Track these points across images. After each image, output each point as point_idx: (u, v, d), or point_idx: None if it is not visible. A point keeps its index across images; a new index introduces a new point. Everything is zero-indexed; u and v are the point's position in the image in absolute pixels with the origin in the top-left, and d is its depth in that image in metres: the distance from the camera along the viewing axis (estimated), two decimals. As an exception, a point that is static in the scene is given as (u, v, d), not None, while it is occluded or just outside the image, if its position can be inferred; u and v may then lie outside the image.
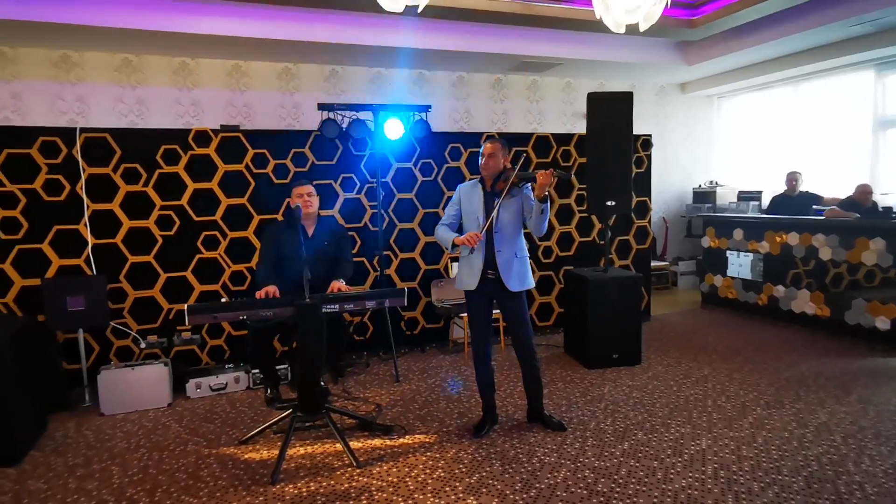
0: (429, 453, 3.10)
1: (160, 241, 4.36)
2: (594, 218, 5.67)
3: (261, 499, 2.67)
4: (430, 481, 2.79)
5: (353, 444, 3.20)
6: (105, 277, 4.12)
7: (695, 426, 3.36)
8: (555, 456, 3.03)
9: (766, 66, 6.79)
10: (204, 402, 4.00)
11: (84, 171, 4.15)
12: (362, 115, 4.67)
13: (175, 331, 4.40)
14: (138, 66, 5.68)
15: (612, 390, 3.99)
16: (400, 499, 2.64)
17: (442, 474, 2.86)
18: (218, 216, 4.49)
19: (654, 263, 7.41)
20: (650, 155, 5.89)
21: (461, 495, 2.65)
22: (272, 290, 3.06)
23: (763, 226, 5.89)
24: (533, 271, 5.43)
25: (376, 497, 2.66)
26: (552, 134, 5.53)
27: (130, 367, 3.89)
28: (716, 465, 2.88)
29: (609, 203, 4.42)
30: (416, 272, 5.13)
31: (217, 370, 4.28)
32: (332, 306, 2.97)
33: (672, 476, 2.79)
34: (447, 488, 2.72)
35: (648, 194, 5.93)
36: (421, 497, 2.65)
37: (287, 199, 4.18)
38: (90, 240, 4.19)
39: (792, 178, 6.29)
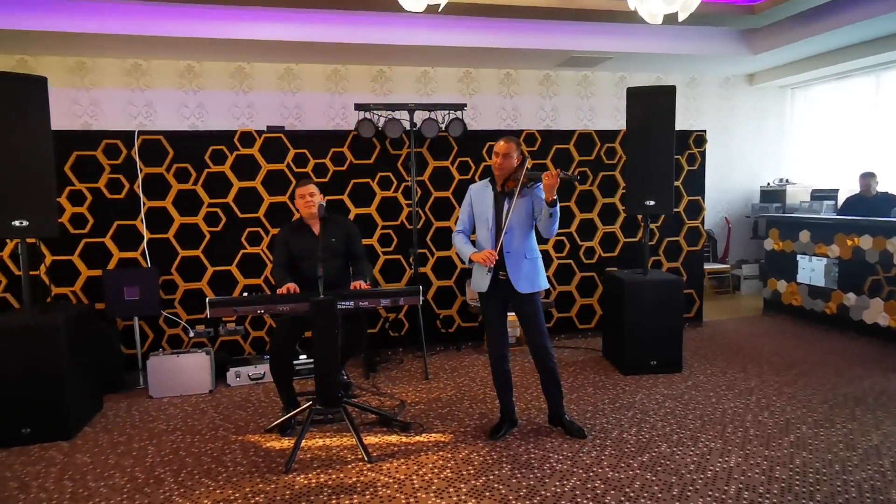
0: (441, 452, 3.10)
1: (208, 236, 4.63)
2: (640, 217, 5.43)
3: (272, 486, 2.78)
4: (436, 481, 2.80)
5: (370, 440, 3.27)
6: (157, 270, 4.43)
7: (727, 442, 3.15)
8: (568, 463, 2.95)
9: (844, 53, 6.22)
10: (241, 391, 4.21)
11: (141, 171, 4.47)
12: (399, 114, 4.72)
13: (220, 322, 4.65)
14: (199, 72, 6.04)
15: (644, 398, 3.82)
16: (402, 496, 2.66)
17: (449, 474, 2.86)
18: (261, 213, 4.71)
19: (712, 266, 7.02)
20: (704, 152, 5.57)
21: (463, 497, 2.64)
22: (292, 286, 3.17)
23: (833, 228, 5.42)
24: (573, 272, 5.37)
25: (380, 493, 2.70)
26: (595, 131, 5.35)
27: (176, 354, 4.16)
28: (741, 486, 2.69)
29: (648, 203, 4.22)
30: (452, 270, 5.13)
31: (256, 360, 4.49)
32: (347, 303, 3.04)
33: (689, 494, 2.63)
34: (451, 489, 2.72)
35: (702, 193, 5.61)
36: (423, 496, 2.66)
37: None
38: (146, 234, 4.52)
39: (866, 180, 5.74)
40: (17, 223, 3.33)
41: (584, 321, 5.43)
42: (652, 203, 4.22)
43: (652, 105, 4.18)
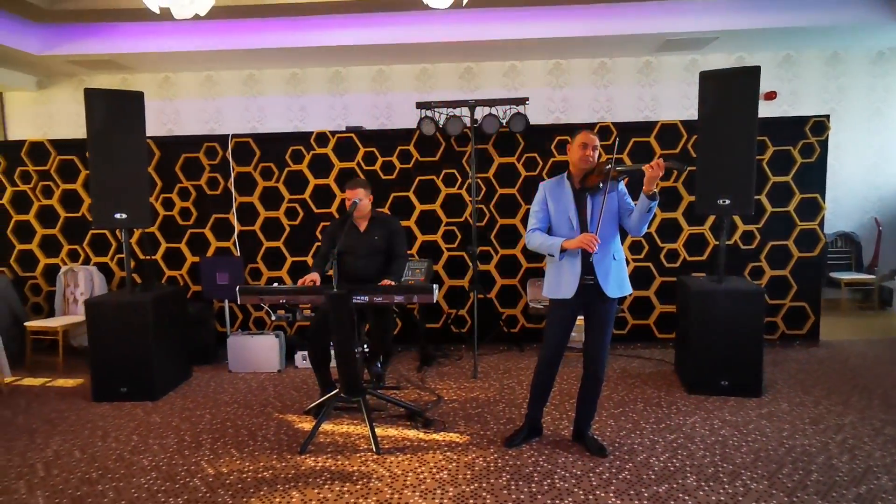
0: (448, 453, 3.08)
1: (287, 229, 5.06)
2: (737, 219, 4.80)
3: (283, 464, 3.00)
4: (428, 481, 2.79)
5: (389, 432, 3.36)
6: (244, 259, 4.96)
7: (774, 484, 2.70)
8: (572, 482, 2.75)
9: None
10: (303, 373, 4.55)
11: (233, 169, 5.03)
12: (461, 110, 4.71)
13: (297, 308, 5.06)
14: (303, 78, 6.57)
15: (698, 422, 3.40)
16: (389, 491, 2.71)
17: (445, 476, 2.83)
18: (333, 208, 5.02)
19: (853, 276, 5.95)
20: (825, 141, 4.72)
21: (446, 501, 2.61)
22: (315, 278, 3.37)
23: None
24: (652, 276, 4.90)
25: (371, 485, 2.77)
26: (681, 121, 4.82)
27: (250, 335, 4.63)
28: (764, 537, 2.30)
29: (722, 201, 3.72)
30: (517, 269, 5.01)
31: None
32: (362, 297, 3.14)
33: (693, 536, 2.31)
34: (439, 490, 2.70)
35: (821, 190, 4.77)
36: (408, 494, 2.68)
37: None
38: (236, 227, 5.08)
39: None
40: (118, 216, 3.97)
41: (663, 330, 4.96)
42: (727, 202, 3.71)
43: (730, 90, 3.67)
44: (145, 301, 3.95)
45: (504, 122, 4.60)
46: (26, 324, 4.84)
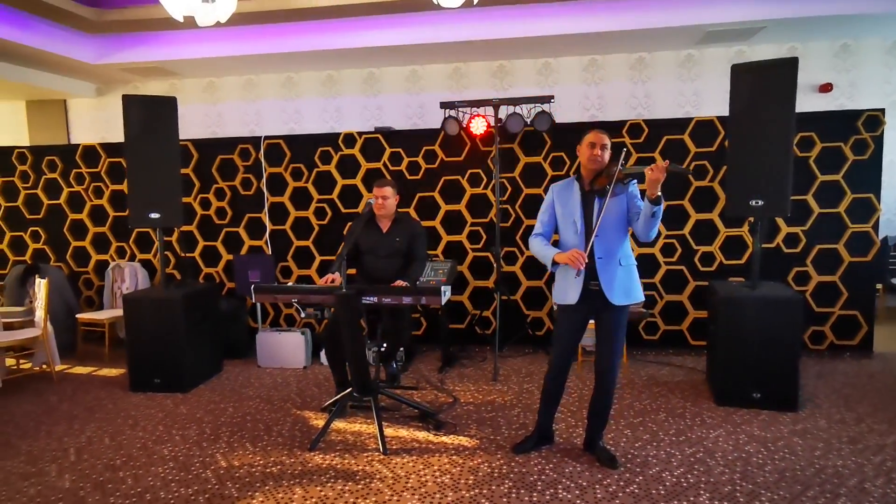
0: (455, 457, 3.06)
1: (317, 228, 5.17)
2: (780, 220, 4.51)
3: (291, 460, 3.06)
4: (430, 484, 2.78)
5: (400, 432, 3.36)
6: (275, 257, 5.11)
7: (795, 506, 2.52)
8: (575, 493, 2.66)
9: None
10: (327, 370, 4.54)
11: (265, 170, 5.18)
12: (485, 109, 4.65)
13: (326, 306, 5.17)
14: (338, 80, 6.69)
15: (722, 436, 3.22)
16: (389, 492, 2.71)
17: (447, 481, 2.81)
18: (360, 208, 5.08)
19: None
20: (880, 137, 4.36)
21: (443, 505, 2.59)
22: (335, 277, 3.41)
23: None
24: (685, 280, 4.68)
25: (372, 485, 2.78)
26: (718, 117, 4.57)
27: (278, 332, 4.76)
28: (775, 563, 2.15)
29: (754, 202, 3.50)
30: (543, 270, 4.90)
31: (347, 344, 4.89)
32: (371, 298, 3.16)
33: (696, 557, 2.19)
34: (438, 495, 2.68)
35: (876, 190, 4.42)
36: (408, 496, 2.67)
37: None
38: (268, 226, 5.23)
39: None
40: (152, 215, 4.17)
41: (697, 337, 4.73)
42: (759, 203, 3.49)
43: (766, 83, 3.44)
44: (177, 297, 4.13)
45: (529, 121, 4.51)
46: (77, 316, 5.17)
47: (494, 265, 4.88)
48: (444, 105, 4.63)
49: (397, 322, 3.59)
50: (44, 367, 4.60)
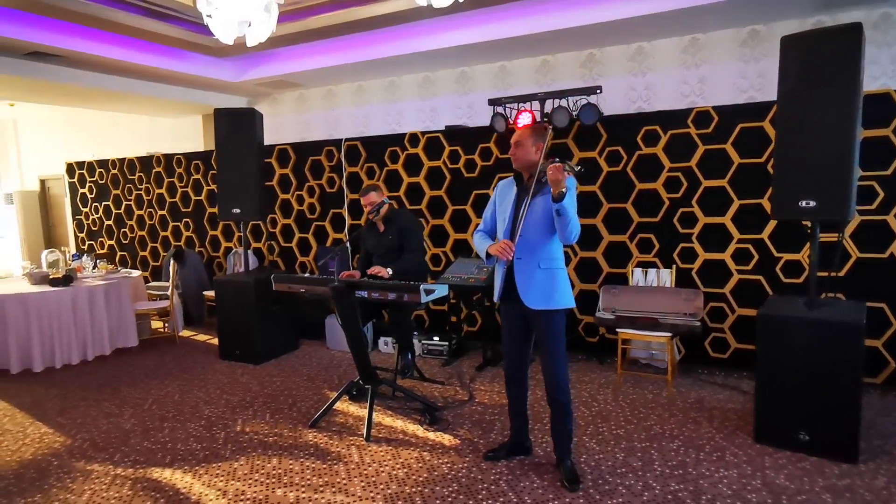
0: (426, 453, 3.11)
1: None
2: (894, 223, 3.58)
3: (289, 433, 3.41)
4: (383, 474, 2.89)
5: (396, 423, 3.52)
6: (352, 248, 5.57)
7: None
8: (513, 509, 2.55)
9: None
10: (382, 357, 4.92)
11: (345, 170, 5.66)
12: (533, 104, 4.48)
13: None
14: (433, 81, 6.92)
15: (729, 479, 2.75)
16: (343, 475, 2.88)
17: (401, 474, 2.89)
18: (423, 205, 5.28)
19: None
20: None
21: (377, 497, 2.68)
22: (354, 273, 3.73)
23: None
24: (763, 292, 3.96)
25: (334, 467, 2.98)
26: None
27: (342, 318, 5.20)
28: None
29: (805, 203, 2.87)
30: (597, 273, 4.57)
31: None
32: (362, 292, 3.35)
33: None
34: (382, 485, 2.77)
35: None
36: (356, 482, 2.82)
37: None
38: (347, 220, 5.71)
39: None
40: (234, 210, 4.87)
41: (777, 360, 3.98)
42: (811, 204, 2.86)
43: (821, 57, 2.80)
44: (249, 282, 4.79)
45: (575, 114, 4.24)
46: (204, 293, 6.25)
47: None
48: (491, 102, 4.57)
49: (398, 316, 3.75)
50: (174, 332, 5.68)
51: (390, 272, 3.57)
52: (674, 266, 4.22)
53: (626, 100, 5.16)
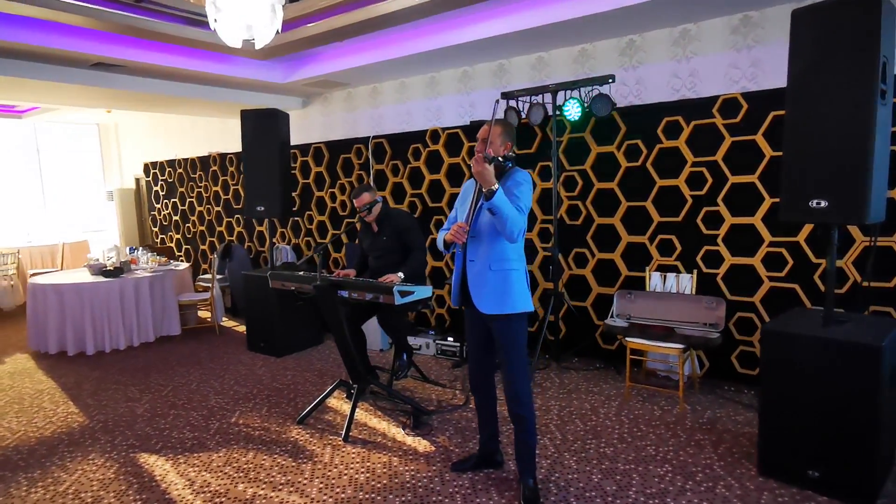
0: (395, 458, 3.05)
1: (410, 222, 5.46)
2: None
3: (277, 427, 3.49)
4: (343, 478, 2.86)
5: (380, 424, 3.49)
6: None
7: None
8: (456, 526, 2.43)
9: None
10: (389, 357, 4.91)
11: (373, 167, 5.69)
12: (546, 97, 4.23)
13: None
14: (472, 76, 6.78)
15: (713, 513, 2.45)
16: (308, 474, 2.89)
17: (360, 479, 2.85)
18: (444, 203, 5.19)
19: None
20: None
21: (327, 499, 2.66)
22: (349, 272, 3.77)
23: None
24: (797, 302, 3.46)
25: (302, 466, 3.00)
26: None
27: (363, 315, 5.24)
28: None
29: (816, 203, 2.47)
30: (616, 276, 4.25)
31: (423, 334, 5.09)
32: (344, 292, 3.34)
33: None
34: (338, 489, 2.75)
35: None
36: (316, 483, 2.82)
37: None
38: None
39: None
40: (259, 208, 5.05)
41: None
42: (822, 204, 2.45)
43: (835, 33, 2.38)
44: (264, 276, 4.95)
45: (586, 105, 3.95)
46: (248, 285, 6.56)
47: (566, 268, 4.44)
48: (504, 96, 4.38)
49: (387, 316, 3.70)
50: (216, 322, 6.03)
51: (401, 276, 3.50)
52: (695, 270, 3.83)
53: (724, 79, 4.43)
